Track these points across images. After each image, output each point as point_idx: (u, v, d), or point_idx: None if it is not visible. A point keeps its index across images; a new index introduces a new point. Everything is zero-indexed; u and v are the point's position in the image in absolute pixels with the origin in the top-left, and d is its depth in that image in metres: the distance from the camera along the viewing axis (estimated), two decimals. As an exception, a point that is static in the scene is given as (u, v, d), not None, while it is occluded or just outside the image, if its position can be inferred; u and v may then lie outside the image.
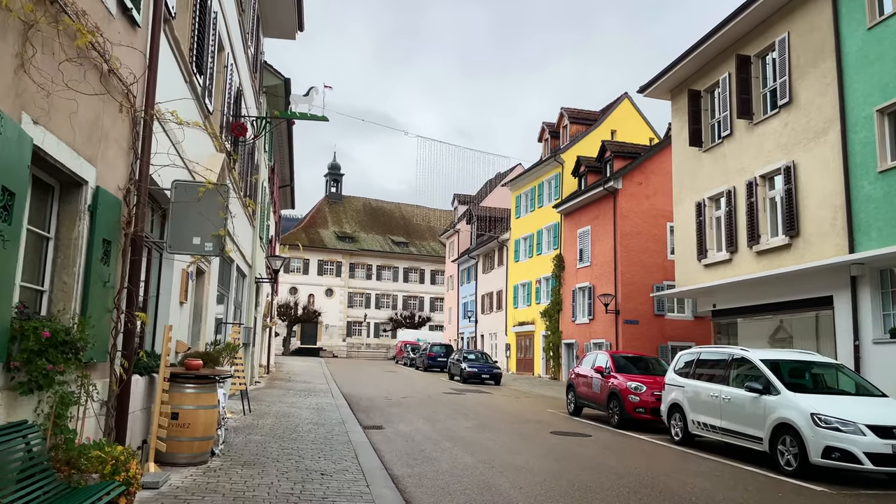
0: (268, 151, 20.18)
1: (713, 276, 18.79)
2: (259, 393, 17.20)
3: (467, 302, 47.70)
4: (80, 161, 5.22)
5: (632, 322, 26.57)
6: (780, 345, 16.83)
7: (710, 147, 19.33)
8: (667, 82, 21.02)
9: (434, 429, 12.15)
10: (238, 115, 12.69)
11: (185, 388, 7.40)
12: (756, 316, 17.76)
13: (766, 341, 17.43)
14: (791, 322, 16.75)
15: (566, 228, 31.87)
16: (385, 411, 15.00)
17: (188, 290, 9.32)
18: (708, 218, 19.31)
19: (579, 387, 15.30)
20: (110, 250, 5.76)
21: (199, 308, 10.94)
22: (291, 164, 27.04)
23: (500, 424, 13.11)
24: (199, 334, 10.87)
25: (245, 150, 14.78)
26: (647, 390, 12.98)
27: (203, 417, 7.38)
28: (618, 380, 13.61)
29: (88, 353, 5.20)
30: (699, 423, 10.73)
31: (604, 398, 13.91)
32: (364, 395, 18.99)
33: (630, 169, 27.49)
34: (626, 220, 27.17)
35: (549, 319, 32.40)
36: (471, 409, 16.11)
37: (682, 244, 20.47)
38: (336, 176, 71.64)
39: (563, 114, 35.15)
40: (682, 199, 20.54)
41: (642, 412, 12.85)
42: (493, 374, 27.29)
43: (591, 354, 15.97)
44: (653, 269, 27.11)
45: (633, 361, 14.86)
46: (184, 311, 9.30)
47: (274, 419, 11.83)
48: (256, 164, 17.96)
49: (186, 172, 7.70)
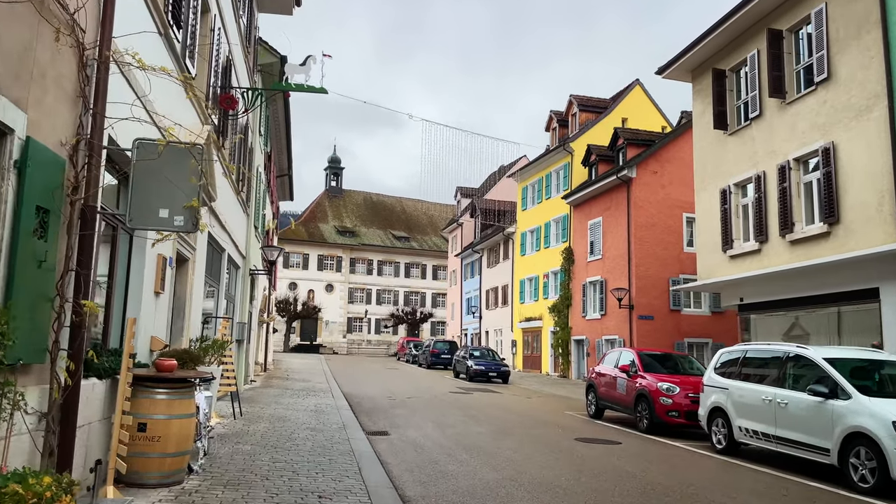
0: (263, 136, 18.92)
1: (740, 267, 17.54)
2: (254, 393, 15.97)
3: (471, 297, 46.45)
4: (1, 101, 3.97)
5: (646, 318, 25.32)
6: (799, 341, 15.59)
7: (737, 130, 18.05)
8: (688, 62, 19.73)
9: (445, 435, 10.92)
10: (227, 87, 11.43)
11: (156, 393, 6.15)
12: (782, 310, 16.52)
13: (783, 336, 16.20)
14: (817, 317, 15.49)
15: (576, 220, 30.60)
16: (389, 413, 13.77)
17: (165, 278, 8.07)
18: (734, 206, 18.04)
19: (601, 387, 14.06)
20: (48, 221, 4.51)
21: (181, 300, 9.70)
22: (289, 153, 25.76)
23: (517, 429, 11.87)
24: (182, 330, 9.63)
25: (237, 129, 13.53)
26: (681, 392, 11.73)
27: (177, 429, 6.15)
28: (646, 380, 12.36)
29: (14, 351, 3.98)
30: (747, 431, 9.49)
31: (630, 400, 12.67)
32: (366, 395, 17.77)
33: (645, 157, 26.21)
34: (641, 210, 25.90)
35: (557, 315, 31.16)
36: (482, 411, 14.88)
37: (705, 234, 19.20)
38: (336, 169, 70.30)
39: (571, 101, 33.84)
40: (705, 186, 19.27)
41: (675, 416, 11.60)
42: (500, 372, 26.06)
43: (613, 352, 14.72)
44: (668, 261, 25.86)
45: (661, 360, 13.61)
46: (160, 302, 8.05)
47: (267, 424, 10.60)
48: (251, 148, 16.71)
49: (158, 133, 6.44)
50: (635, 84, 33.07)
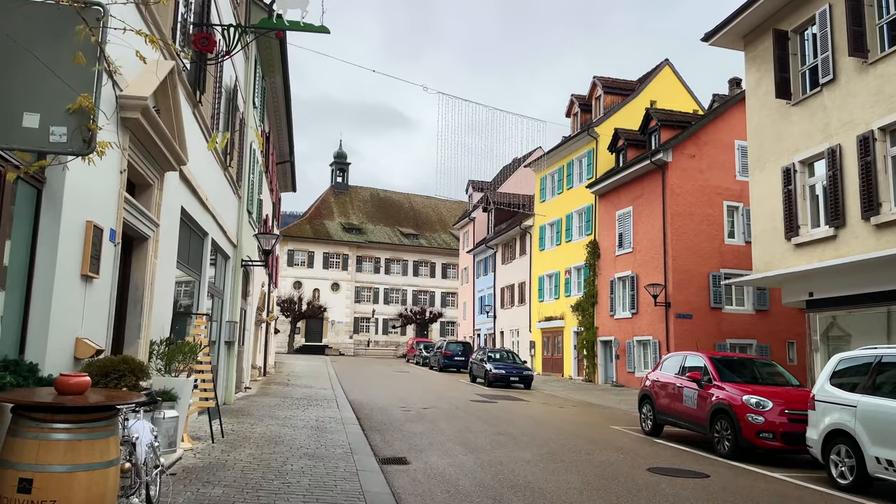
0: (259, 109, 16.61)
1: (809, 257, 15.13)
2: (246, 404, 13.68)
3: (484, 296, 44.04)
4: None
5: (685, 316, 22.90)
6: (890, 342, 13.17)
7: (803, 99, 15.63)
8: (739, 26, 17.32)
9: (481, 464, 8.56)
10: (205, 25, 9.12)
11: (50, 431, 3.84)
12: (864, 306, 14.12)
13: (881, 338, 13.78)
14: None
15: (602, 211, 28.17)
16: (406, 430, 11.43)
17: (102, 257, 5.76)
18: (800, 186, 15.63)
19: (660, 398, 11.66)
20: None
21: (137, 290, 7.39)
22: (290, 137, 23.44)
23: (568, 454, 9.50)
24: (139, 330, 7.32)
25: (220, 87, 11.21)
26: (774, 407, 9.31)
27: (84, 486, 3.83)
28: (725, 391, 9.96)
29: None
30: (890, 463, 7.10)
31: (703, 416, 10.27)
32: (376, 405, 15.44)
33: (682, 139, 23.78)
34: (677, 198, 23.48)
35: (581, 314, 28.74)
36: (514, 426, 12.52)
37: (764, 221, 16.78)
38: (342, 165, 67.94)
39: (595, 83, 31.39)
40: (763, 165, 16.85)
41: (768, 438, 9.19)
42: (523, 376, 23.64)
43: (674, 356, 12.31)
44: (708, 254, 23.43)
45: (736, 365, 11.17)
46: (94, 291, 5.74)
47: (254, 449, 8.29)
48: (242, 119, 14.41)
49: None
50: (664, 64, 30.60)
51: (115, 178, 6.15)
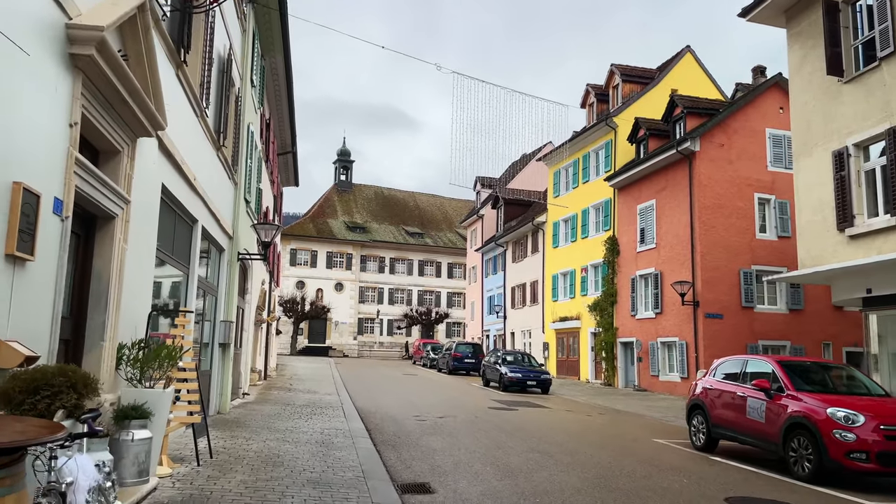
0: (256, 87, 15.18)
1: (866, 250, 13.65)
2: (243, 413, 12.25)
3: (493, 295, 42.53)
4: None
5: (715, 316, 21.41)
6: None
7: (858, 75, 14.15)
8: (782, 0, 15.87)
9: (522, 493, 7.10)
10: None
11: None
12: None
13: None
14: None
15: (621, 204, 26.67)
16: (424, 446, 9.98)
17: (39, 233, 4.32)
18: (854, 171, 14.15)
19: (716, 409, 10.17)
20: None
21: (101, 281, 5.95)
22: (293, 125, 22.01)
23: (622, 478, 8.02)
24: (103, 329, 5.89)
25: (209, 50, 9.77)
26: (867, 423, 7.84)
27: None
28: (803, 402, 8.47)
29: None
30: None
31: (775, 432, 8.78)
32: (387, 414, 13.99)
33: (709, 127, 22.29)
34: (706, 189, 21.99)
35: (599, 314, 27.24)
36: (549, 441, 11.04)
37: (811, 211, 15.29)
38: (346, 163, 66.46)
39: (613, 71, 29.88)
40: (811, 150, 15.36)
41: (861, 459, 7.71)
42: (540, 380, 22.13)
43: (730, 360, 10.80)
44: (739, 250, 21.95)
45: (808, 372, 9.66)
46: (26, 278, 4.30)
47: (246, 474, 6.85)
48: (238, 96, 12.98)
49: None
50: (686, 51, 29.10)
51: (61, 130, 4.72)
